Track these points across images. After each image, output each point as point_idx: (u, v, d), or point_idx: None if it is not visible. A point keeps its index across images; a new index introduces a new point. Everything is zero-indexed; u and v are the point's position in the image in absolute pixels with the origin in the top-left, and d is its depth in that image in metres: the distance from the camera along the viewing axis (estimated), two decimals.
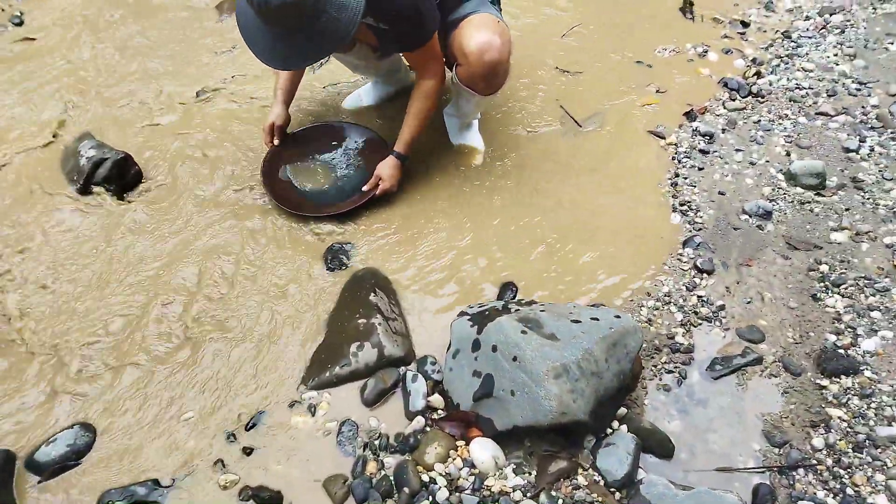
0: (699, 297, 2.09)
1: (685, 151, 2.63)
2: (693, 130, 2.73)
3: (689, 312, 2.05)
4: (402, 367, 1.90)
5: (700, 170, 2.55)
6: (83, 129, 2.69)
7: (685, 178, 2.51)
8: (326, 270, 2.18)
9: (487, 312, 1.82)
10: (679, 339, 1.98)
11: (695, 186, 2.48)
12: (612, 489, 1.62)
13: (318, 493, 1.64)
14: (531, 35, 3.26)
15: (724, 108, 2.86)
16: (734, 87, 2.96)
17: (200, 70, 3.09)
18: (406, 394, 1.83)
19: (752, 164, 2.57)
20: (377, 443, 1.74)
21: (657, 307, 2.07)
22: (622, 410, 1.78)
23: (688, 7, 3.47)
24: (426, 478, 1.65)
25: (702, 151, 2.63)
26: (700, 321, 2.03)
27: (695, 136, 2.71)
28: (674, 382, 1.88)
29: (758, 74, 3.04)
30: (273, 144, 2.52)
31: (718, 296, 2.10)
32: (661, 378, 1.89)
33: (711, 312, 2.05)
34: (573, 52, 3.16)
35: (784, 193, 2.43)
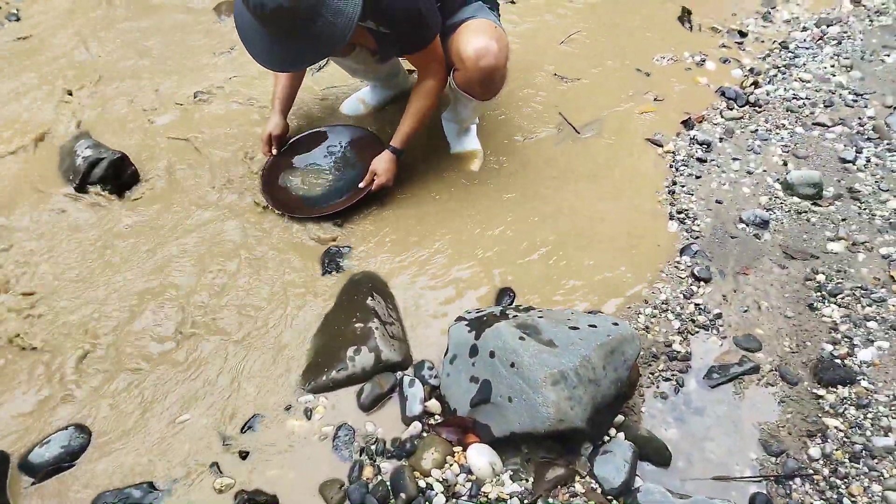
0: (696, 306, 2.09)
1: (683, 160, 2.63)
2: (690, 139, 2.74)
3: (687, 320, 2.06)
4: (399, 372, 1.89)
5: (697, 178, 2.56)
6: (80, 129, 2.68)
7: (682, 186, 2.51)
8: (324, 273, 2.18)
9: (485, 318, 1.81)
10: (676, 347, 1.98)
11: (692, 195, 2.48)
12: (610, 497, 1.62)
13: (315, 498, 1.64)
14: (530, 41, 3.27)
15: (722, 117, 2.87)
16: (731, 97, 2.96)
17: (198, 71, 3.08)
18: (403, 399, 1.82)
19: (750, 174, 2.58)
20: (374, 448, 1.73)
21: (654, 315, 2.07)
22: (619, 418, 1.78)
23: (686, 16, 3.49)
24: (423, 483, 1.65)
25: (699, 160, 2.64)
26: (697, 329, 2.03)
27: (692, 145, 2.71)
28: (671, 390, 1.88)
29: (755, 84, 3.05)
30: (271, 154, 2.52)
31: (715, 304, 2.10)
32: (659, 386, 1.89)
33: (709, 321, 2.05)
34: (572, 59, 3.17)
35: (781, 203, 2.44)
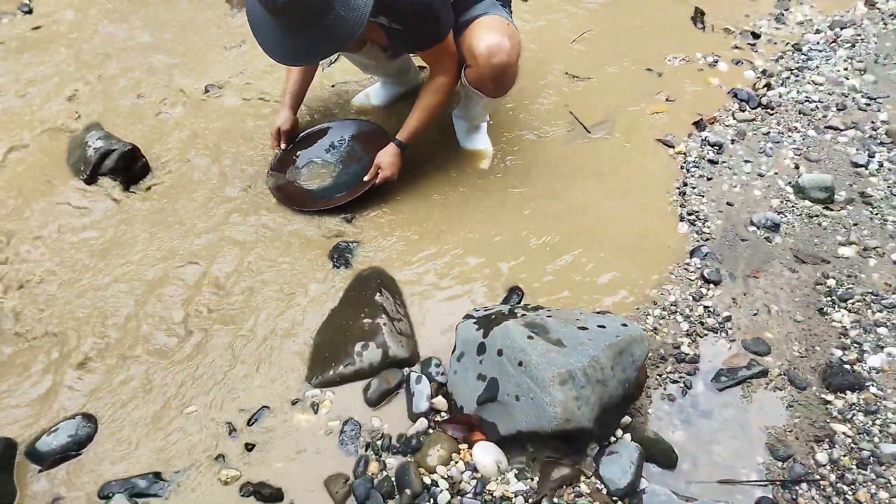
0: (705, 308, 2.08)
1: (694, 161, 2.62)
2: (702, 140, 2.72)
3: (696, 322, 2.05)
4: (406, 369, 1.89)
5: (708, 180, 2.54)
6: (91, 120, 2.68)
7: (693, 188, 2.50)
8: (332, 268, 2.17)
9: (493, 316, 1.81)
10: (685, 349, 1.97)
11: (703, 196, 2.47)
12: (615, 498, 1.61)
13: (320, 492, 1.64)
14: (541, 39, 3.26)
15: (734, 119, 2.85)
16: (744, 98, 2.95)
17: (209, 64, 3.09)
18: (409, 395, 1.82)
19: (761, 176, 2.56)
20: (379, 443, 1.73)
21: (663, 316, 2.06)
22: (626, 419, 1.77)
23: (699, 17, 3.47)
24: (428, 480, 1.64)
25: (710, 161, 2.62)
26: (706, 332, 2.02)
27: (704, 146, 2.70)
28: (678, 392, 1.87)
29: (768, 86, 3.03)
30: (280, 148, 2.52)
31: (725, 307, 2.09)
32: (666, 388, 1.89)
33: (718, 323, 2.04)
34: (583, 58, 3.16)
35: (792, 206, 2.43)
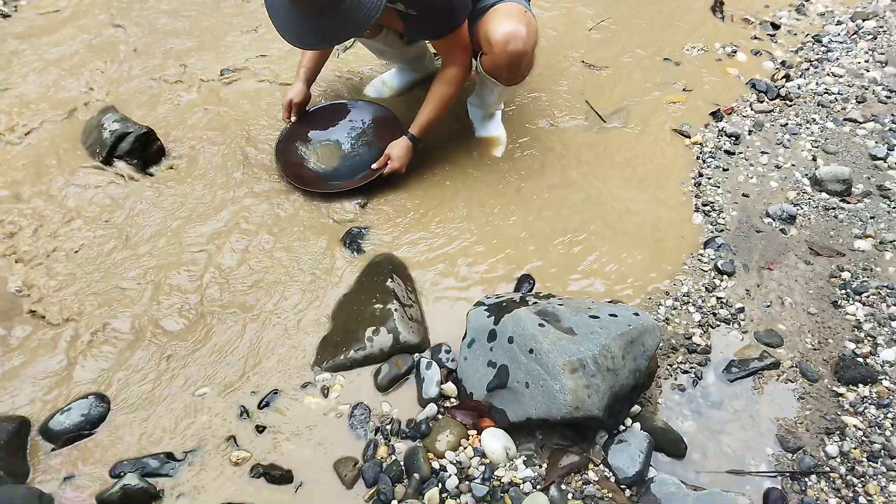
0: (718, 299, 2.07)
1: (710, 151, 2.60)
2: (719, 131, 2.70)
3: (708, 313, 2.04)
4: (417, 354, 1.90)
5: (724, 171, 2.52)
6: (106, 103, 2.70)
7: (709, 179, 2.48)
8: (344, 254, 2.18)
9: (505, 304, 1.81)
10: (696, 340, 1.96)
11: (718, 187, 2.45)
12: (623, 486, 1.61)
13: (329, 475, 1.65)
14: (558, 28, 3.23)
15: (752, 110, 2.82)
16: (762, 89, 2.92)
17: (225, 48, 3.09)
18: (419, 380, 1.83)
19: (778, 168, 2.54)
20: (389, 428, 1.74)
21: (675, 307, 2.05)
22: (636, 408, 1.77)
23: (718, 6, 3.43)
24: (437, 465, 1.65)
25: (727, 152, 2.60)
26: (718, 323, 2.01)
27: (720, 137, 2.67)
28: (689, 383, 1.87)
29: (786, 77, 3.00)
30: (290, 121, 2.52)
31: (738, 298, 2.08)
32: (677, 378, 1.88)
33: (730, 314, 2.03)
34: (600, 47, 3.13)
35: (809, 198, 2.40)
